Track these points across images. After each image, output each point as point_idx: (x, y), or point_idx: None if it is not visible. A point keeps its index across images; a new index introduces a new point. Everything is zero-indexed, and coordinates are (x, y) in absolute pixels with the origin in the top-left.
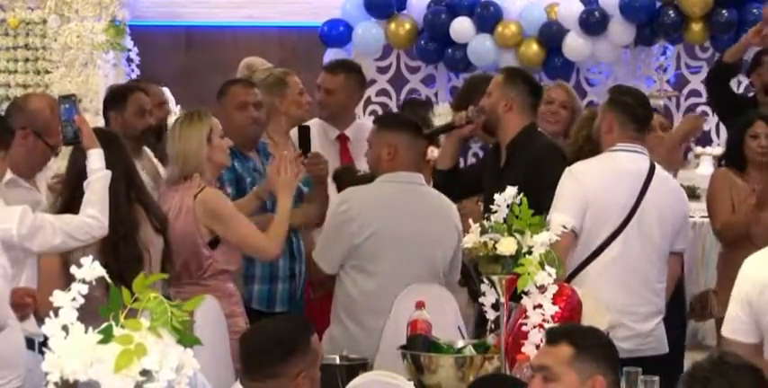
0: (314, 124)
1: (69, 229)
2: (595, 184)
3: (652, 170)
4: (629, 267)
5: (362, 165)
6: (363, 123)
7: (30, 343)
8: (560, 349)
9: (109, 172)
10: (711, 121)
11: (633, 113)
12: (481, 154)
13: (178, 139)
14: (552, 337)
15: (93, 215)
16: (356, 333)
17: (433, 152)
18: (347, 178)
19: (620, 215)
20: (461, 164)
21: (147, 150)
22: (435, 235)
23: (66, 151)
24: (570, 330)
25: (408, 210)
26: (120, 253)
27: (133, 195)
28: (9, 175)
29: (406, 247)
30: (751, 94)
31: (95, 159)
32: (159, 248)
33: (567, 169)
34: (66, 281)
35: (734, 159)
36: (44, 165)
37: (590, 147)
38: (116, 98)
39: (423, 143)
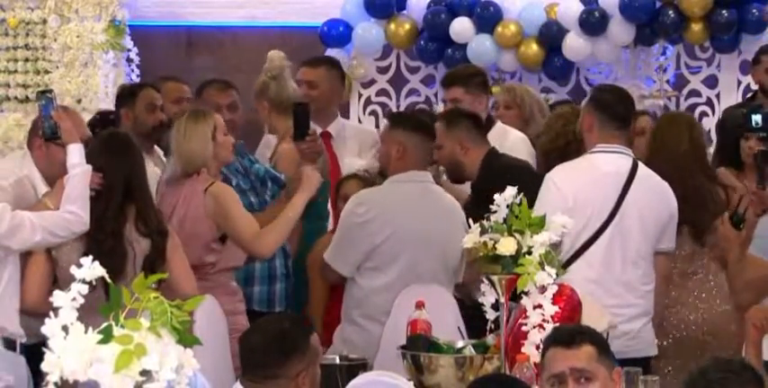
0: None
1: (49, 226)
2: (573, 190)
3: (634, 169)
4: (611, 269)
5: (346, 162)
6: (346, 121)
7: (10, 344)
8: (585, 350)
9: (89, 167)
10: (711, 121)
11: (613, 112)
12: None
13: (183, 137)
14: (570, 339)
15: (73, 210)
16: (374, 331)
17: None
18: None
19: (599, 218)
20: None
21: (158, 148)
22: (448, 234)
23: None
24: (581, 331)
25: (422, 210)
26: (103, 249)
27: (134, 195)
28: (14, 176)
29: (422, 246)
30: (749, 95)
31: (75, 154)
32: (144, 250)
33: (547, 176)
34: (52, 277)
35: (730, 160)
36: None
37: (576, 146)
38: (126, 95)
39: (431, 144)
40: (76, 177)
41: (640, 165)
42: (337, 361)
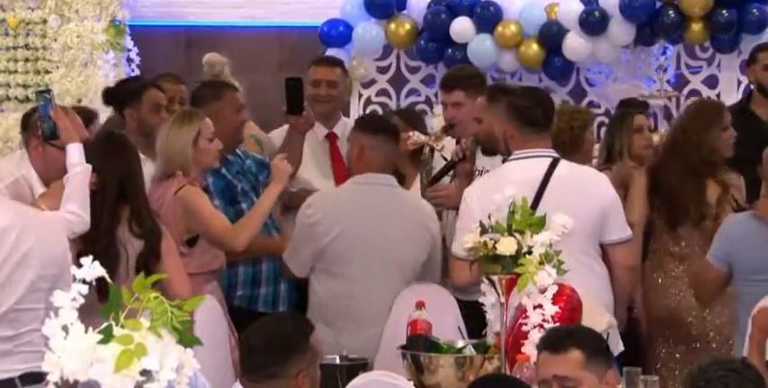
0: None
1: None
2: (482, 204)
3: (550, 170)
4: None
5: None
6: (349, 121)
7: None
8: (571, 356)
9: (89, 167)
10: None
11: (529, 116)
12: None
13: (165, 138)
14: (557, 344)
15: (74, 210)
16: (326, 335)
17: (420, 137)
18: None
19: None
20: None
21: None
22: (402, 236)
23: None
24: (570, 334)
25: (374, 212)
26: (96, 248)
27: (129, 196)
28: (12, 177)
29: (372, 249)
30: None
31: (75, 154)
32: (136, 250)
33: (465, 190)
34: None
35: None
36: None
37: (580, 142)
38: (132, 95)
39: (393, 146)
40: (77, 177)
41: (561, 164)
42: (337, 361)
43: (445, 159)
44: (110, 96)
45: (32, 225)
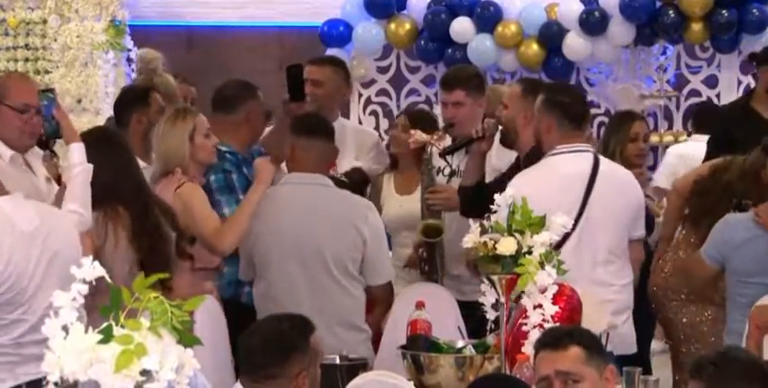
0: None
1: None
2: (537, 195)
3: (596, 166)
4: (580, 270)
5: (344, 164)
6: (346, 121)
7: None
8: (572, 352)
9: (90, 166)
10: None
11: (570, 111)
12: None
13: (161, 137)
14: (556, 342)
15: (75, 209)
16: None
17: (421, 135)
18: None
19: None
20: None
21: None
22: (324, 234)
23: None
24: (568, 333)
25: (299, 211)
26: (149, 244)
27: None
28: (10, 152)
29: (292, 248)
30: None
31: (76, 153)
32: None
33: (509, 184)
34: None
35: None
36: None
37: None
38: (140, 98)
39: (322, 145)
40: (78, 176)
41: (602, 160)
42: (337, 361)
43: (446, 160)
44: (119, 105)
45: (56, 226)
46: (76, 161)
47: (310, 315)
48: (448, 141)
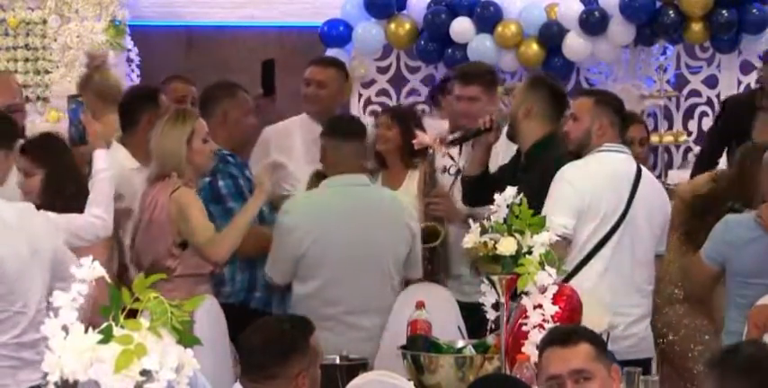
0: (297, 121)
1: (74, 228)
2: (589, 188)
3: (639, 170)
4: (622, 270)
5: None
6: None
7: None
8: (582, 348)
9: (113, 173)
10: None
11: (622, 115)
12: None
13: (159, 138)
14: (566, 338)
15: (99, 215)
16: None
17: (424, 138)
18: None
19: (612, 218)
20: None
21: None
22: (382, 237)
23: None
24: (575, 330)
25: (350, 214)
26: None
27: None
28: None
29: (351, 251)
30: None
31: (101, 160)
32: None
33: (560, 172)
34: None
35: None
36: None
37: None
38: (149, 98)
39: (352, 145)
40: (102, 181)
41: (643, 167)
42: (337, 361)
43: (452, 158)
44: (127, 106)
45: (33, 223)
46: (101, 166)
47: (362, 313)
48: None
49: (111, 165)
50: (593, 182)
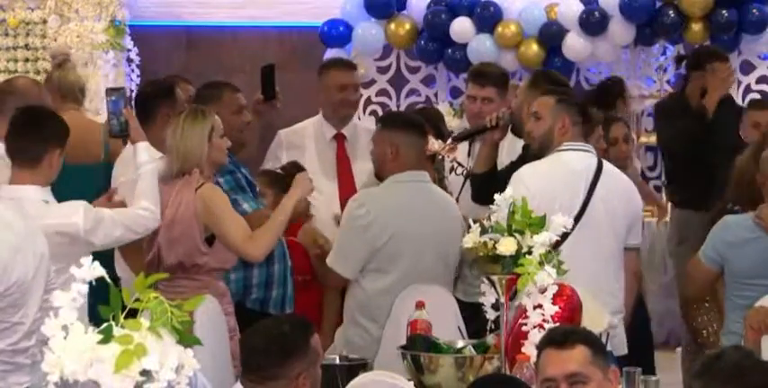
0: (311, 123)
1: (128, 222)
2: (540, 189)
3: (600, 167)
4: (580, 267)
5: (358, 165)
6: (359, 123)
7: None
8: (578, 350)
9: (156, 165)
10: None
11: (581, 111)
12: None
13: (180, 136)
14: (563, 340)
15: (147, 207)
16: (376, 333)
17: (433, 144)
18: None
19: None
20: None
21: None
22: (446, 233)
23: None
24: (573, 331)
25: (422, 209)
26: None
27: None
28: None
29: (423, 246)
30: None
31: (143, 152)
32: None
33: (516, 174)
34: None
35: None
36: None
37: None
38: (166, 94)
39: (424, 141)
40: (147, 174)
41: (605, 163)
42: (337, 361)
43: (458, 163)
44: (144, 100)
45: (36, 227)
46: (144, 159)
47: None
48: (459, 152)
49: (153, 157)
50: (545, 183)
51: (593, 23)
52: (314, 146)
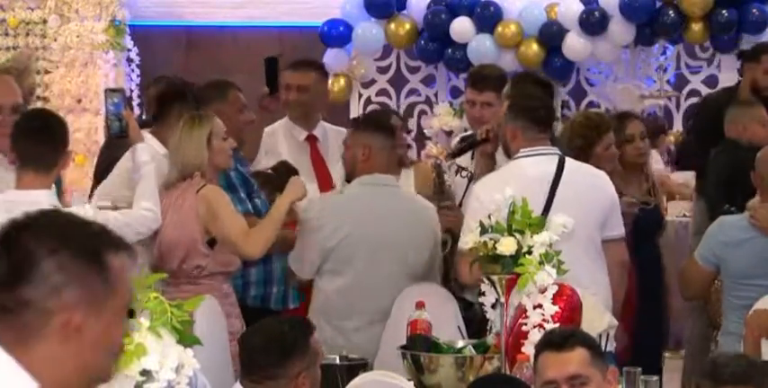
0: (280, 126)
1: (132, 222)
2: (492, 200)
3: (561, 166)
4: None
5: (333, 166)
6: (327, 125)
7: None
8: (577, 352)
9: (155, 166)
10: None
11: (535, 116)
12: None
13: (178, 143)
14: (562, 342)
15: (149, 207)
16: (331, 335)
17: (431, 149)
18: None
19: None
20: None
21: None
22: (410, 238)
23: None
24: (572, 333)
25: (381, 212)
26: None
27: None
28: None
29: (379, 250)
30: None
31: (143, 153)
32: None
33: (471, 187)
34: None
35: None
36: None
37: (584, 159)
38: (182, 93)
39: (393, 145)
40: (147, 174)
41: (568, 161)
42: (337, 361)
43: (461, 166)
44: (160, 100)
45: None
46: (144, 159)
47: (387, 313)
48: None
49: (153, 158)
50: (496, 193)
51: (593, 23)
52: (287, 149)
